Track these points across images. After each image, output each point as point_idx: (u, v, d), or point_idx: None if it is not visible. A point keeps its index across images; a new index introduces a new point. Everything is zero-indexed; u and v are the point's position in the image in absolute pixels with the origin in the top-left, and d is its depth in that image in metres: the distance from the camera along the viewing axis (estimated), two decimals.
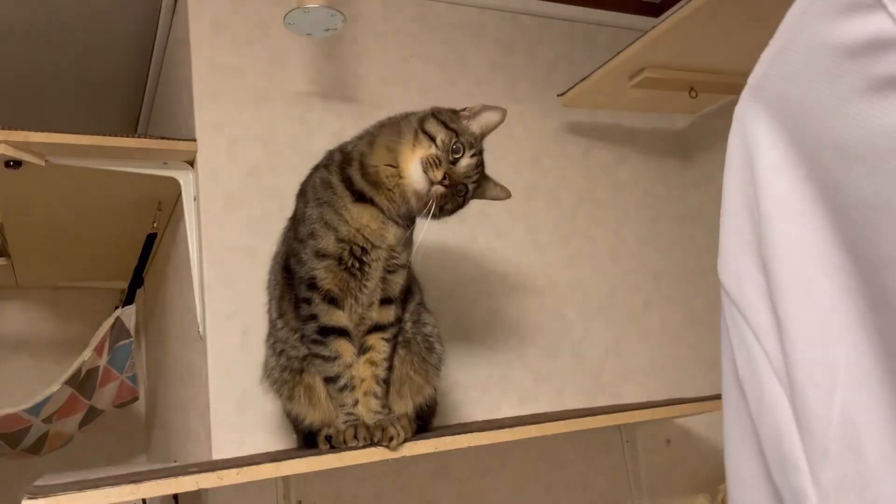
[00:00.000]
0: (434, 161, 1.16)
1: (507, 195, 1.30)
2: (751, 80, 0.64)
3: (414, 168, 1.18)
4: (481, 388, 1.69)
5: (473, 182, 1.21)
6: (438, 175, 1.16)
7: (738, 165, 0.64)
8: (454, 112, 1.24)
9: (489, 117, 1.24)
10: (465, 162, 1.19)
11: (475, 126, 1.23)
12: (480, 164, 1.22)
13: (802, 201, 0.59)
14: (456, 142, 1.18)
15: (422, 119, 1.22)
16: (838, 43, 0.54)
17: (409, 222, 1.25)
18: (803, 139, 0.59)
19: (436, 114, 1.22)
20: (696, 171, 2.09)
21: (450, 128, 1.19)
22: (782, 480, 0.58)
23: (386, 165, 1.21)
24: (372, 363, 1.22)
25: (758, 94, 0.63)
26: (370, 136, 1.27)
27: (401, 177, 1.19)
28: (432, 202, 1.17)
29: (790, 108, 0.60)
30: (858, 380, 0.55)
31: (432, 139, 1.18)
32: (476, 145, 1.21)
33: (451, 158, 1.18)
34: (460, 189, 1.20)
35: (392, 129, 1.25)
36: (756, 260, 0.61)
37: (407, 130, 1.21)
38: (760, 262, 0.61)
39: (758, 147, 0.62)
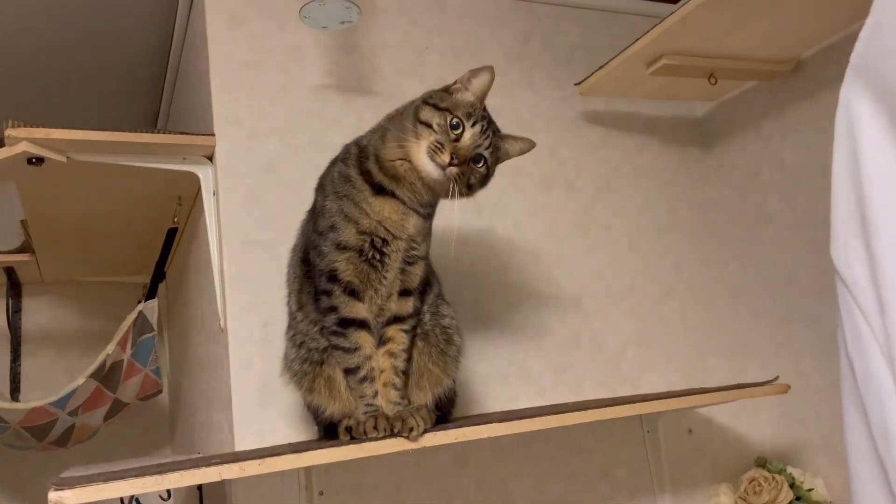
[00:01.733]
0: (437, 146, 1.17)
1: (532, 145, 1.30)
2: (852, 59, 0.64)
3: (424, 160, 1.18)
4: (500, 379, 1.68)
5: (487, 148, 1.21)
6: (445, 158, 1.17)
7: (844, 147, 0.65)
8: (446, 90, 1.25)
9: (480, 81, 1.23)
10: (469, 133, 1.19)
11: (470, 95, 1.23)
12: (489, 129, 1.22)
13: None
14: (452, 118, 1.19)
15: (416, 110, 1.22)
16: None
17: (429, 210, 1.26)
18: None
19: (426, 99, 1.23)
20: (716, 159, 2.07)
21: (441, 108, 1.20)
22: (885, 452, 0.59)
23: (401, 161, 1.21)
24: (391, 354, 1.22)
25: (858, 74, 0.63)
26: (382, 130, 1.27)
27: (418, 171, 1.20)
28: (452, 184, 1.18)
29: (888, 85, 0.60)
30: None
31: (429, 126, 1.19)
32: (475, 114, 1.21)
33: (452, 136, 1.18)
34: (477, 159, 1.20)
35: (397, 122, 1.25)
36: (863, 240, 0.62)
37: (408, 125, 1.21)
38: (867, 242, 0.62)
39: (860, 127, 0.62)
